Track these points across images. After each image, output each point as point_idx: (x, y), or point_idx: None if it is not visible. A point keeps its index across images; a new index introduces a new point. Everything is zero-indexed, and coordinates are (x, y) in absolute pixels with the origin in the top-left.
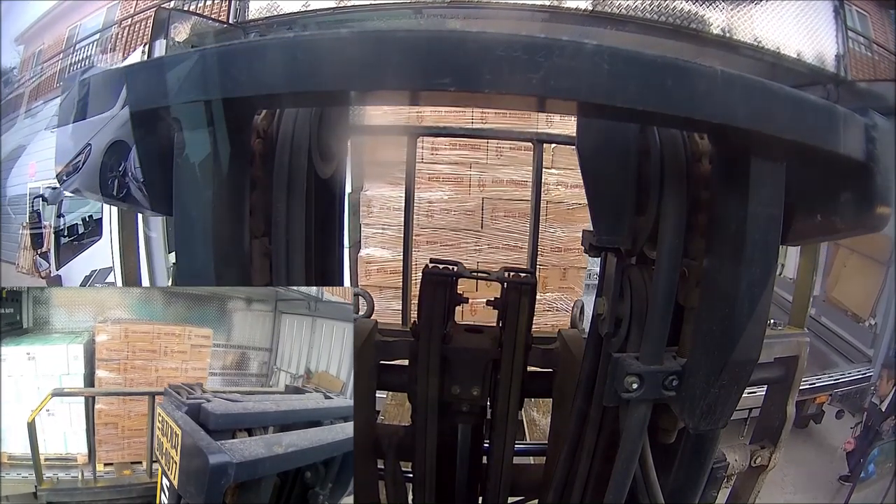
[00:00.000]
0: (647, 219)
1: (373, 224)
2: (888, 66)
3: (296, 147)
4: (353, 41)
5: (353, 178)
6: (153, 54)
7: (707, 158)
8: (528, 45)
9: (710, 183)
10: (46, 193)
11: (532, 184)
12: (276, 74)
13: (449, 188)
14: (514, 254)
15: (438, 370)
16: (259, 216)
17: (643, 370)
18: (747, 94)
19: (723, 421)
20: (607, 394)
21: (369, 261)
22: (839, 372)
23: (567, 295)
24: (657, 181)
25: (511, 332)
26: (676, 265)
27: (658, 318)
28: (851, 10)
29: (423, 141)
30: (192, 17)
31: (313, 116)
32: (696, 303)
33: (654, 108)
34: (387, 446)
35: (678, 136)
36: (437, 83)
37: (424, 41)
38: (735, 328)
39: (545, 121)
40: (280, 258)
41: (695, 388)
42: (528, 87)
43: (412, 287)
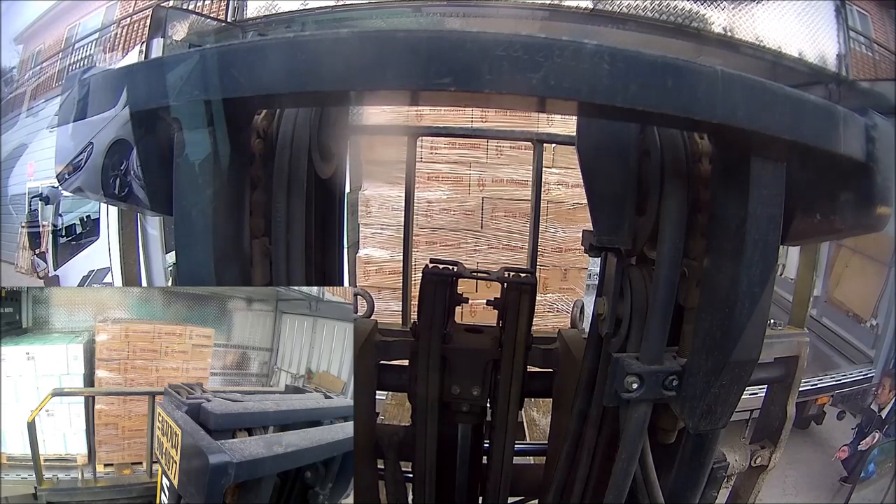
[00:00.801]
0: (648, 219)
1: (371, 224)
2: (889, 65)
3: (296, 147)
4: (353, 41)
5: (351, 178)
6: (151, 53)
7: (707, 158)
8: (528, 45)
9: (711, 183)
10: (47, 193)
11: (532, 184)
12: (275, 75)
13: (448, 188)
14: (514, 254)
15: (438, 370)
16: (259, 216)
17: (643, 370)
18: (747, 93)
19: (723, 421)
20: (607, 394)
21: (368, 261)
22: (841, 373)
23: (568, 296)
24: (657, 181)
25: (511, 332)
26: (677, 265)
27: (658, 318)
28: (852, 10)
29: (422, 140)
30: (190, 15)
31: (313, 116)
32: (696, 303)
33: (654, 108)
34: (387, 446)
35: (678, 137)
36: (437, 83)
37: (425, 41)
38: (735, 328)
39: (545, 120)
40: (280, 258)
41: (695, 388)
42: (528, 87)
43: (412, 288)
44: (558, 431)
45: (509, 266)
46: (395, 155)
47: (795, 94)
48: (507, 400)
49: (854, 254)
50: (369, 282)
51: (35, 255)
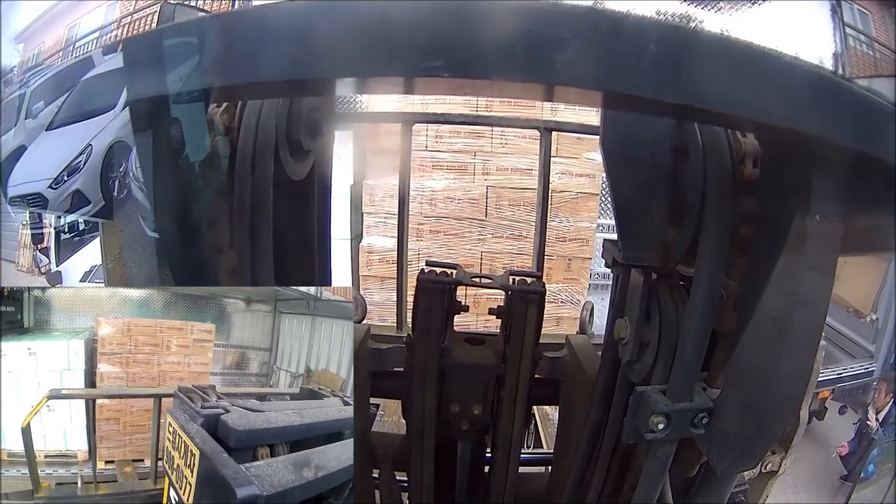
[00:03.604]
0: (684, 231)
1: (375, 213)
2: (889, 63)
3: (260, 145)
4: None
5: (355, 171)
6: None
7: (751, 160)
8: (549, 19)
9: (756, 189)
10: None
11: (540, 175)
12: (211, 62)
13: (453, 176)
14: (519, 244)
15: (436, 388)
16: (224, 226)
17: (671, 409)
18: (821, 95)
19: (756, 462)
20: (628, 430)
21: (370, 250)
22: (841, 367)
23: (571, 286)
24: (698, 185)
25: (517, 346)
26: (717, 287)
27: (692, 350)
28: (853, 8)
29: (426, 128)
30: (197, 13)
31: (280, 108)
32: (732, 327)
33: (713, 107)
34: (382, 458)
35: (721, 133)
36: (429, 66)
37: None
38: (780, 359)
39: (550, 109)
40: (245, 272)
41: (728, 426)
42: (548, 75)
43: (408, 287)
44: (565, 441)
45: (514, 270)
46: (399, 143)
47: (870, 100)
48: (512, 419)
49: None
50: (372, 272)
51: (37, 250)
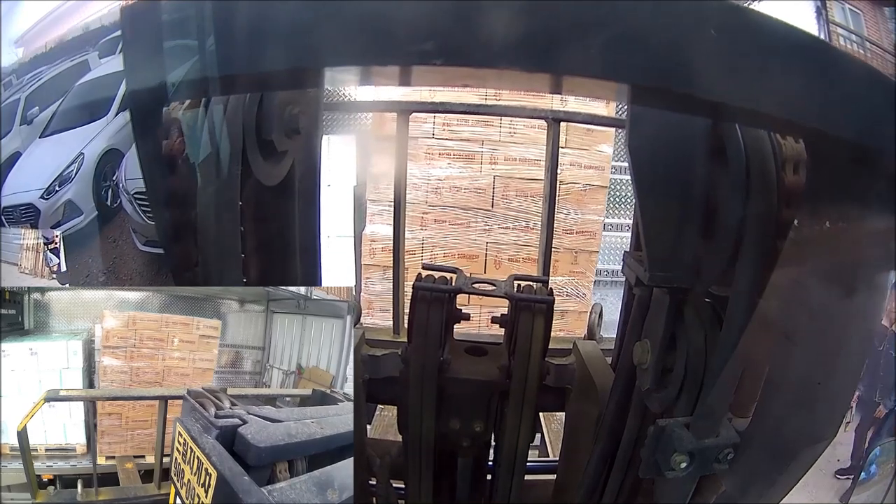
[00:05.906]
0: (719, 246)
1: (380, 200)
2: (881, 63)
3: (224, 147)
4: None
5: (357, 170)
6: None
7: (792, 166)
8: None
9: (800, 199)
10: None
11: (547, 167)
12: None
13: (460, 165)
14: (525, 234)
15: (434, 405)
16: (188, 240)
17: (696, 447)
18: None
19: (779, 499)
20: (646, 465)
21: (374, 239)
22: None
23: (577, 279)
24: (740, 194)
25: (523, 360)
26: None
27: (724, 383)
28: (844, 8)
29: (433, 116)
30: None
31: (248, 104)
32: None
33: (776, 112)
34: (379, 468)
35: (765, 136)
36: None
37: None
38: (820, 392)
39: (559, 99)
40: (212, 277)
41: (755, 464)
42: (580, 66)
43: (405, 280)
44: (570, 450)
45: (519, 275)
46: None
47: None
48: (516, 438)
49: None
50: (375, 260)
51: (48, 250)
